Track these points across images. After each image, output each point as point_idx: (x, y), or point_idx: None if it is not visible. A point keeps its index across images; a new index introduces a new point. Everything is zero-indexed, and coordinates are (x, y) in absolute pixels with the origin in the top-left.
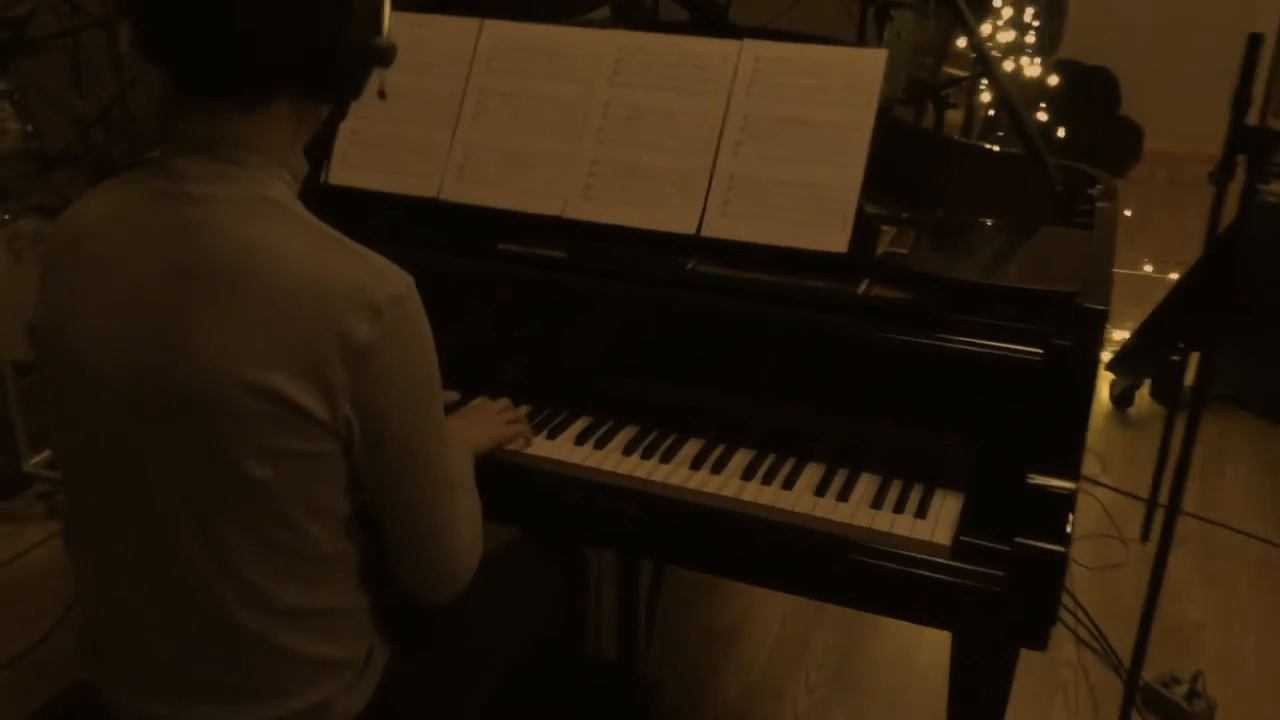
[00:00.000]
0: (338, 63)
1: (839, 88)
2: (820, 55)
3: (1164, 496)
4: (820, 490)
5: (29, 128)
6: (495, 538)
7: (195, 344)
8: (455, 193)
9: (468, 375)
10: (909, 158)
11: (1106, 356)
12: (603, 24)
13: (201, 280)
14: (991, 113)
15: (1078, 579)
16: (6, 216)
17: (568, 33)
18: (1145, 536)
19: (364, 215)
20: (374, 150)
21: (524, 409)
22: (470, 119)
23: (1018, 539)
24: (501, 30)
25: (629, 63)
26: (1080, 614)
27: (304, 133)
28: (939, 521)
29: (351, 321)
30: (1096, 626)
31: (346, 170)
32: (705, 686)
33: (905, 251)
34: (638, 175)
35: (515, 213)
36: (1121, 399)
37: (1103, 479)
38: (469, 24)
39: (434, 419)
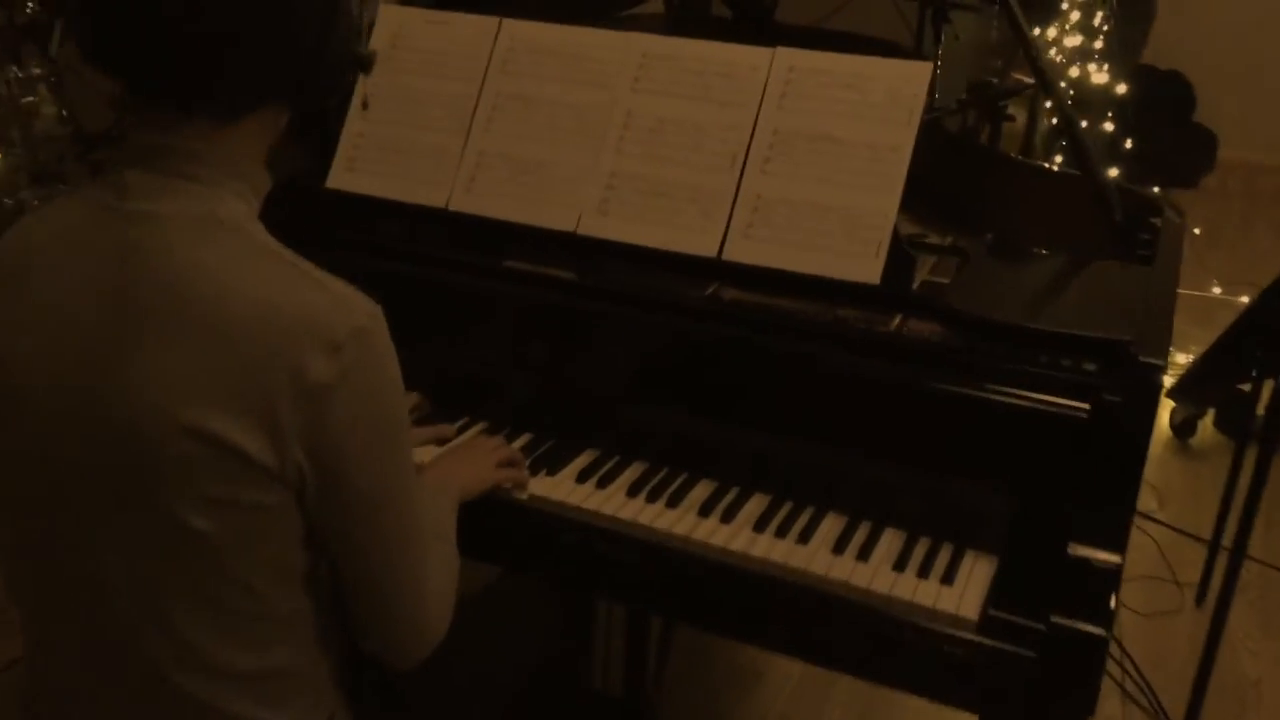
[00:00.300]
0: (321, 73)
1: (878, 103)
2: (859, 67)
3: (1227, 539)
4: (839, 546)
5: (64, 111)
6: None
7: (130, 380)
8: (465, 203)
9: (467, 398)
10: (957, 174)
11: (1168, 381)
12: (652, 20)
13: (140, 308)
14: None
15: (1126, 625)
16: (37, 202)
17: (590, 34)
18: (1204, 582)
19: (366, 224)
20: (381, 155)
21: (524, 439)
22: (484, 124)
23: (1054, 618)
24: (521, 30)
25: (653, 69)
26: (1127, 664)
27: (267, 144)
28: (967, 590)
29: (305, 357)
30: (1145, 679)
31: (350, 175)
32: None
33: (945, 282)
34: (658, 191)
35: (526, 227)
36: (1182, 428)
37: (1158, 515)
38: (488, 23)
39: (399, 466)
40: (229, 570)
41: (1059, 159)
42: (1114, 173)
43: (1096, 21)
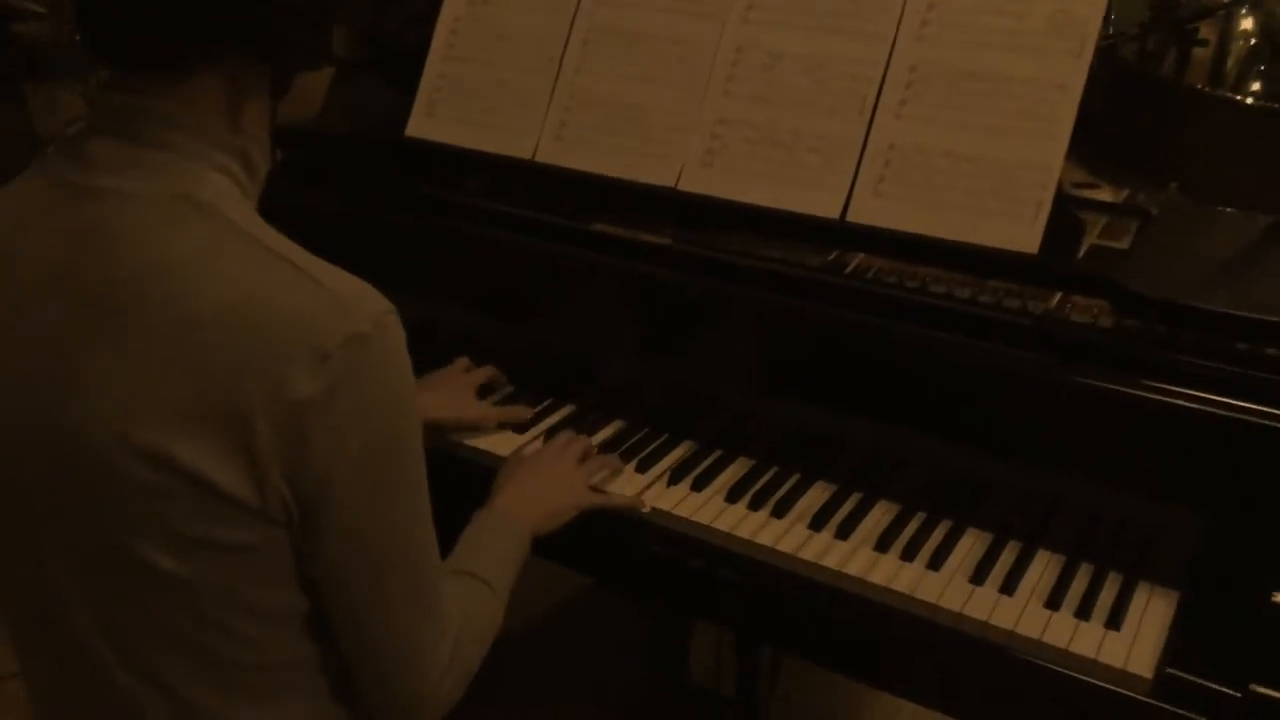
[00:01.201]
0: (284, 19)
1: (1041, 31)
2: None
3: None
4: (979, 576)
5: None
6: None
7: (80, 392)
8: (553, 153)
9: (551, 379)
10: (1136, 114)
11: None
12: None
13: (95, 304)
14: (1254, 42)
15: None
16: None
17: None
18: None
19: (446, 179)
20: (464, 98)
21: (613, 427)
22: (575, 63)
23: (1253, 684)
24: None
25: None
26: None
27: (248, 108)
28: (1138, 638)
29: (286, 369)
30: None
31: (431, 122)
32: None
33: (1121, 248)
34: (771, 140)
35: (620, 181)
36: None
37: None
38: None
39: (402, 504)
40: (211, 616)
41: (1255, 88)
42: None
43: None
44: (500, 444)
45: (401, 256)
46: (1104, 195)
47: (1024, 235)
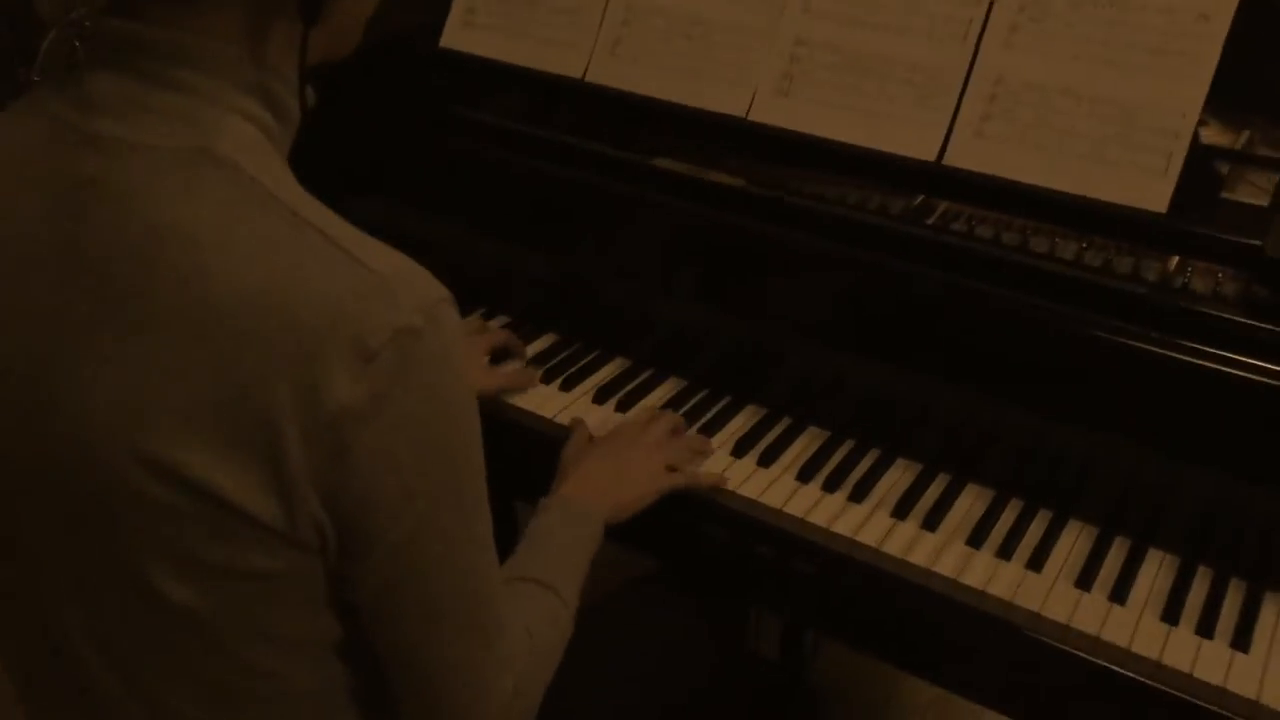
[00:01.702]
0: None
1: None
2: None
3: None
4: (1084, 579)
5: None
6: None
7: (77, 389)
8: (606, 73)
9: (599, 330)
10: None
11: None
12: None
13: (96, 276)
14: None
15: None
16: None
17: None
18: None
19: (485, 97)
20: (506, 7)
21: (668, 386)
22: None
23: None
24: None
25: None
26: None
27: (274, 37)
28: (1271, 660)
29: (323, 370)
30: None
31: (469, 33)
32: (876, 706)
33: (1263, 205)
34: (859, 67)
35: (683, 108)
36: None
37: None
38: None
39: (462, 524)
40: (227, 647)
41: None
42: None
43: None
44: (544, 403)
45: (431, 186)
46: (1250, 148)
47: (1152, 191)
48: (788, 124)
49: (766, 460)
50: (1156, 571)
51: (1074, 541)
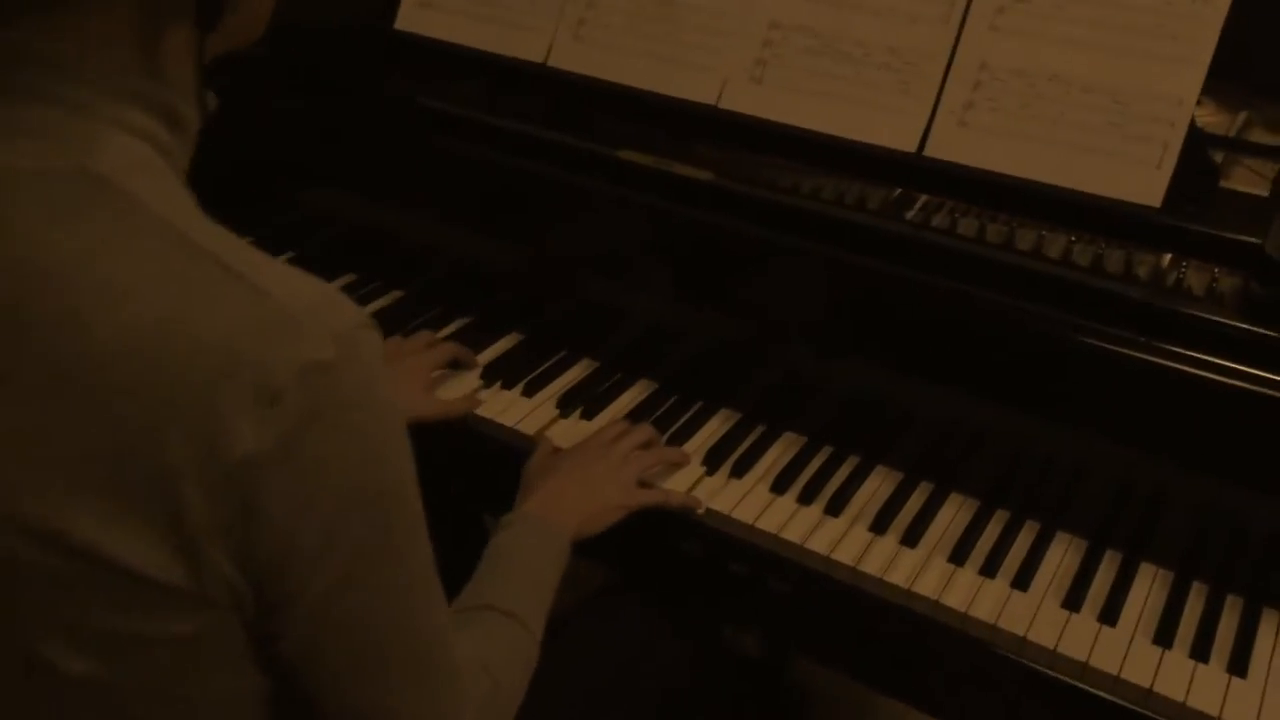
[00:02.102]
0: None
1: None
2: None
3: None
4: (1072, 599)
5: None
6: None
7: None
8: (569, 57)
9: (563, 331)
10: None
11: None
12: None
13: None
14: None
15: None
16: None
17: None
18: None
19: (439, 86)
20: None
21: (639, 391)
22: None
23: None
24: None
25: None
26: None
27: (167, 40)
28: (1271, 686)
29: (222, 417)
30: None
31: (425, 13)
32: (861, 704)
33: (1263, 195)
34: (836, 51)
35: (651, 95)
36: None
37: None
38: None
39: (397, 566)
40: (139, 716)
41: None
42: None
43: None
44: (506, 410)
45: (385, 177)
46: (1253, 136)
47: (1145, 184)
48: (760, 112)
49: (740, 470)
50: (1149, 589)
51: (1062, 557)
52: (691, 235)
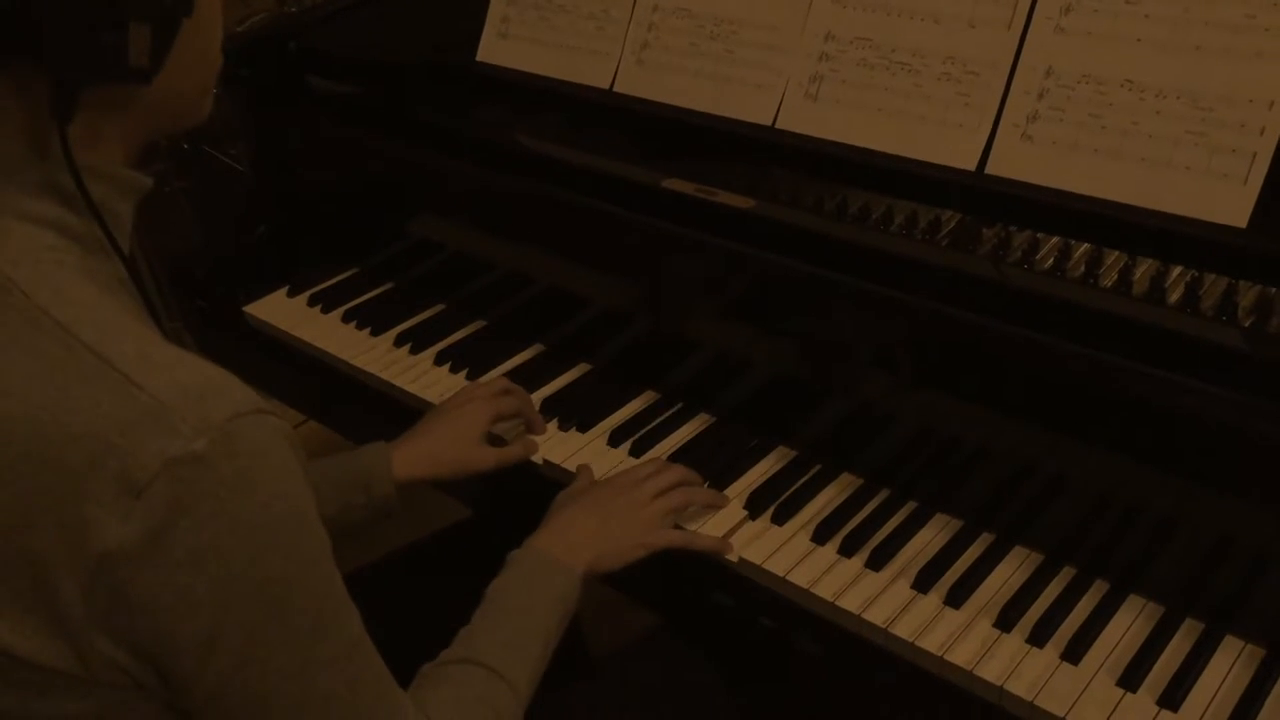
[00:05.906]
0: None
1: None
2: None
3: None
4: (1130, 677)
5: None
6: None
7: None
8: (634, 82)
9: (629, 365)
10: None
11: None
12: None
13: None
14: None
15: None
16: None
17: None
18: None
19: (527, 112)
20: (540, 16)
21: (694, 426)
22: None
23: None
24: None
25: None
26: None
27: (77, 133)
28: None
29: (87, 509)
30: None
31: (504, 44)
32: None
33: None
34: (893, 63)
35: (708, 118)
36: None
37: None
38: None
39: (300, 651)
40: None
41: None
42: None
43: None
44: (556, 448)
45: (483, 216)
46: None
47: (1230, 202)
48: (818, 132)
49: (782, 516)
50: (1226, 671)
51: (1127, 626)
52: (762, 272)
